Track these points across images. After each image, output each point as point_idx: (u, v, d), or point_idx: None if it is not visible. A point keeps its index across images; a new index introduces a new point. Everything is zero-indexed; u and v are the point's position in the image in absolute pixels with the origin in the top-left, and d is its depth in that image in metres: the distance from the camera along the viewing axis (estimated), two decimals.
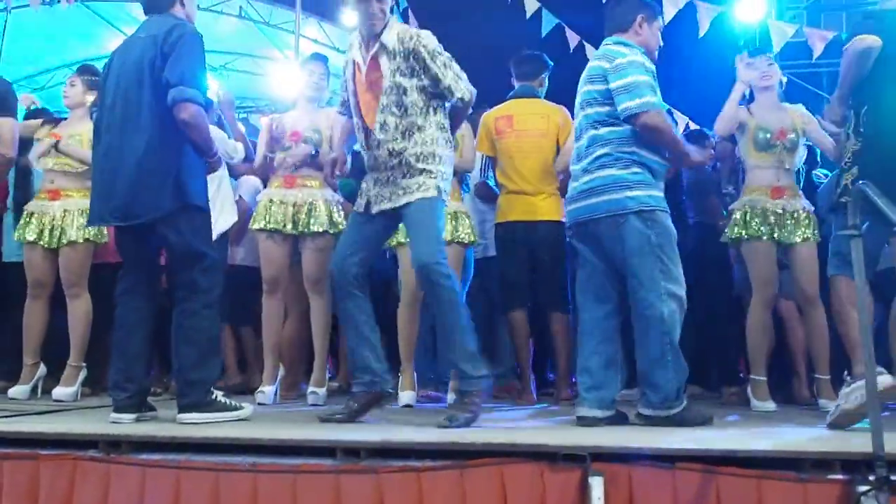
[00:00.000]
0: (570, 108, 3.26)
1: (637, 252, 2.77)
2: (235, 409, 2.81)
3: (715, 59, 5.11)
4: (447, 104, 2.96)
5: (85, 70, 4.01)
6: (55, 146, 3.73)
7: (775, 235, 3.52)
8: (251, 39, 9.81)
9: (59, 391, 3.63)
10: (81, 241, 3.73)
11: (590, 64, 3.00)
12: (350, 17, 9.33)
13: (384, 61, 2.85)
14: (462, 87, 2.89)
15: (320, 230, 3.61)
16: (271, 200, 3.66)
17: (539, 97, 4.13)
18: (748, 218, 3.56)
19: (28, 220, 3.79)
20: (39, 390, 3.83)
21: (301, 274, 3.74)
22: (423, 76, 2.85)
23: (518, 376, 4.21)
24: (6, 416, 2.82)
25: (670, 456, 2.12)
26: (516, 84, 4.17)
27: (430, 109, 2.90)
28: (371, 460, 2.21)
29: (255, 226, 3.68)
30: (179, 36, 2.74)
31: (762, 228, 3.52)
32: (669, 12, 5.21)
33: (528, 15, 5.64)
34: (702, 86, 2.97)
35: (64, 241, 3.72)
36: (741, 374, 4.31)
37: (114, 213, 2.76)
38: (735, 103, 3.60)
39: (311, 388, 3.70)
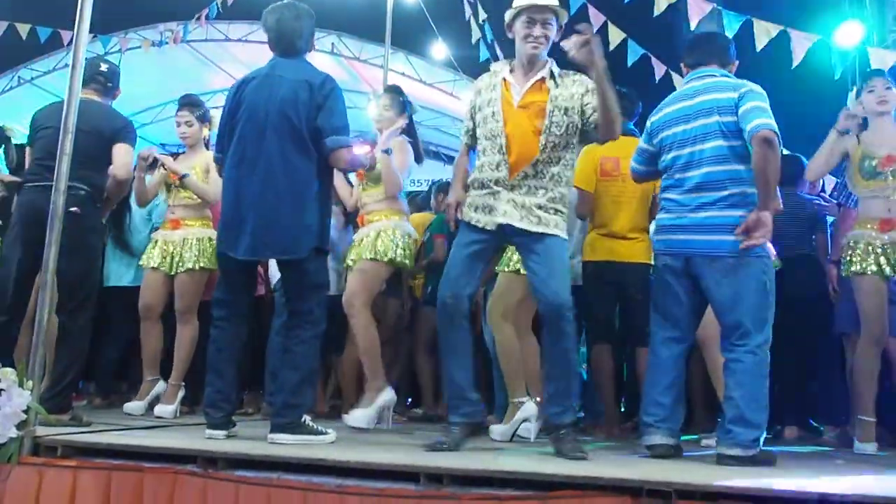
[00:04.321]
0: None
1: (756, 295, 2.77)
2: (322, 433, 2.93)
3: (810, 88, 4.97)
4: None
5: (193, 105, 4.21)
6: (182, 179, 3.99)
7: (885, 271, 3.40)
8: (343, 74, 10.21)
9: (160, 408, 3.85)
10: (197, 268, 3.98)
11: (717, 95, 2.91)
12: (440, 49, 9.60)
13: (551, 85, 2.90)
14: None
15: (370, 257, 3.69)
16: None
17: (637, 136, 4.09)
18: (853, 252, 3.45)
19: (153, 247, 4.09)
20: (154, 407, 4.01)
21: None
22: (580, 105, 2.87)
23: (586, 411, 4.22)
24: (115, 430, 3.02)
25: (760, 497, 2.06)
26: None
27: (572, 146, 2.93)
28: (454, 487, 2.24)
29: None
30: (331, 89, 3.01)
31: (869, 263, 3.40)
32: (762, 41, 5.11)
33: (612, 47, 5.63)
34: (796, 115, 2.91)
35: (182, 268, 3.98)
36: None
37: (272, 247, 2.96)
38: (826, 151, 3.53)
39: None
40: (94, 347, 4.67)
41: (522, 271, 3.34)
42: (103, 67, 3.57)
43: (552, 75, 2.92)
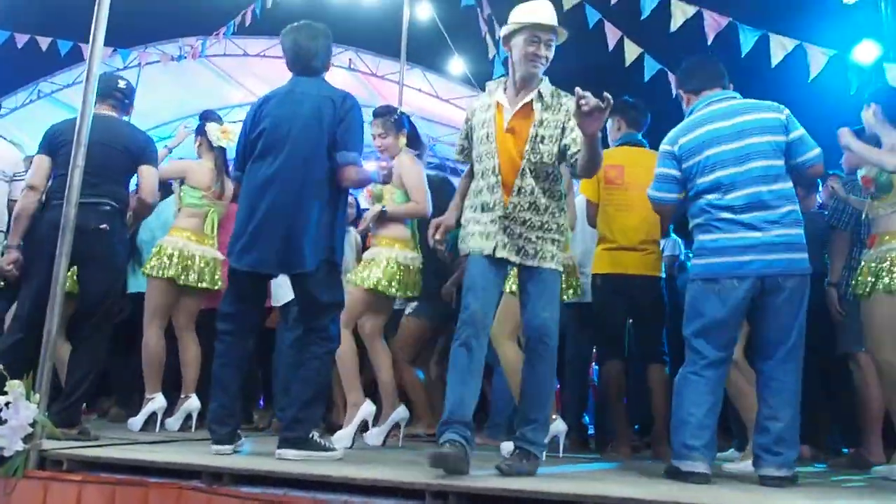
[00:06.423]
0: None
1: (803, 315, 2.80)
2: (329, 449, 2.91)
3: (826, 103, 4.92)
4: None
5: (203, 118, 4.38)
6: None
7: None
8: (360, 90, 10.25)
9: (131, 421, 3.95)
10: (156, 274, 4.00)
11: (762, 115, 2.90)
12: (456, 65, 9.62)
13: (537, 108, 2.82)
14: None
15: (353, 282, 3.71)
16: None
17: (646, 146, 4.07)
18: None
19: None
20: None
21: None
22: (560, 134, 2.81)
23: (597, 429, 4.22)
24: (121, 444, 3.01)
25: None
26: (623, 130, 4.11)
27: (559, 173, 2.87)
28: None
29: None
30: (352, 106, 3.06)
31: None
32: (777, 55, 5.07)
33: (628, 63, 5.62)
34: (811, 130, 2.87)
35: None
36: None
37: (279, 262, 2.94)
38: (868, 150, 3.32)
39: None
40: (122, 357, 4.68)
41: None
42: (121, 84, 3.64)
43: (541, 97, 2.83)
